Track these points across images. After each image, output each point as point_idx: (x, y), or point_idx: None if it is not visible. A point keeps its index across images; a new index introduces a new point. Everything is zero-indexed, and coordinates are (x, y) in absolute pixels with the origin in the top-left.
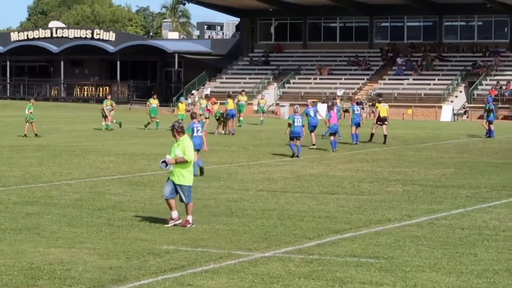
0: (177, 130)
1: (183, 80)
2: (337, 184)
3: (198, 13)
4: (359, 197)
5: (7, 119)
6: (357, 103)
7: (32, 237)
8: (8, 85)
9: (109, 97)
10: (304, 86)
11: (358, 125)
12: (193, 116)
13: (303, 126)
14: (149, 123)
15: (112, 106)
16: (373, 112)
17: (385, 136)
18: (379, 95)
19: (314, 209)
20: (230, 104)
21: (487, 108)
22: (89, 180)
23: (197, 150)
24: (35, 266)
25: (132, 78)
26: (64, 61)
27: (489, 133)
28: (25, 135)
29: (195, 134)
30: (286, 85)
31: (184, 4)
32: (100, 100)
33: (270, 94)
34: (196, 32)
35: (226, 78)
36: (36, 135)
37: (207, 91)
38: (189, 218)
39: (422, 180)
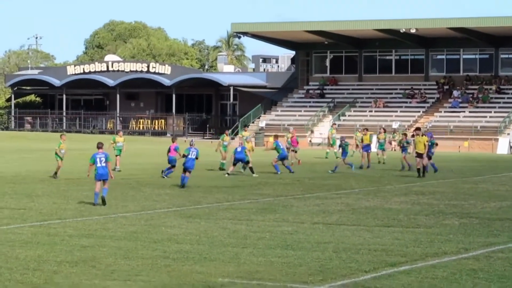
0: None
1: (238, 113)
2: (392, 217)
3: (253, 46)
4: (415, 230)
5: None
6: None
7: (88, 270)
8: (64, 118)
9: (120, 133)
10: (359, 118)
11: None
12: (98, 146)
13: (196, 159)
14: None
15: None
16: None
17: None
18: (418, 128)
19: (369, 242)
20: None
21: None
22: (145, 212)
23: (104, 180)
24: None
25: (187, 111)
26: (120, 94)
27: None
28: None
29: (98, 164)
30: (342, 118)
31: (239, 37)
32: (156, 133)
33: (325, 126)
34: (252, 65)
35: (281, 111)
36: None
37: (263, 123)
38: None
39: (479, 213)
